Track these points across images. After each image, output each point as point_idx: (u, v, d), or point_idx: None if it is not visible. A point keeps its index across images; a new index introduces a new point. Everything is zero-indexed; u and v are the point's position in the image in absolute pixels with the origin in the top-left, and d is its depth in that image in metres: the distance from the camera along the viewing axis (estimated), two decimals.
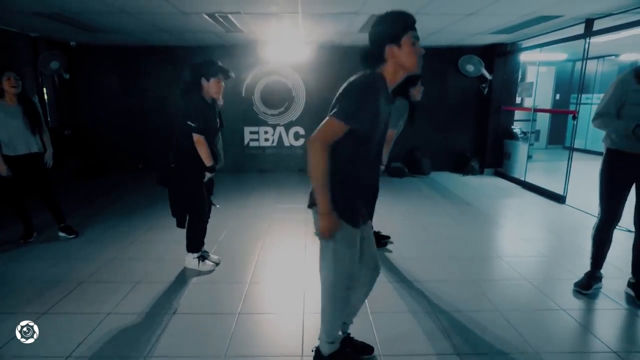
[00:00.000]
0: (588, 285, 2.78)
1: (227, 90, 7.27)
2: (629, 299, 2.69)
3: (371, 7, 4.01)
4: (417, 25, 1.62)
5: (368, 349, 2.10)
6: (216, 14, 4.37)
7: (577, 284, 2.82)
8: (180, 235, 3.17)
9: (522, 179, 6.20)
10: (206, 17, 4.48)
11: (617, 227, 2.72)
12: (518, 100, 8.04)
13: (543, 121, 9.84)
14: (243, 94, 6.92)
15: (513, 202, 5.37)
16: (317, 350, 1.98)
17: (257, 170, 7.21)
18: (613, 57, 8.83)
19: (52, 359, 2.06)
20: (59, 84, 6.54)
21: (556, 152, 9.53)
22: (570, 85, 9.75)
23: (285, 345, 2.20)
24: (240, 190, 5.87)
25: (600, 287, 2.83)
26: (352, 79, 1.61)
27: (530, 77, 9.14)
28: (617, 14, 4.24)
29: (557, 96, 9.93)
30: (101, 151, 6.94)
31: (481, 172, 7.05)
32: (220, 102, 3.00)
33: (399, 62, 1.60)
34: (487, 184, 6.40)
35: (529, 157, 8.43)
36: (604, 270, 2.84)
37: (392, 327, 2.36)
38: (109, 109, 6.95)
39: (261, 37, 5.92)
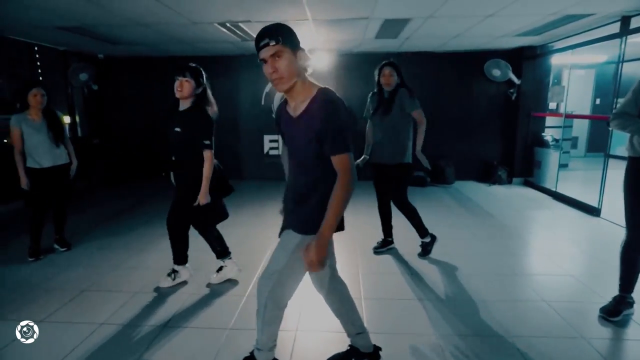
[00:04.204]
0: (616, 312, 2.47)
1: (247, 99, 7.22)
2: None
3: (381, 12, 3.87)
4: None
5: None
6: (227, 23, 4.38)
7: (603, 310, 2.51)
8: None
9: (553, 189, 5.78)
10: (218, 26, 4.50)
11: None
12: (553, 106, 7.58)
13: (581, 127, 9.24)
14: (262, 103, 6.91)
15: (541, 215, 5.01)
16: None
17: (278, 178, 7.16)
18: None
19: None
20: (88, 95, 6.81)
21: (596, 161, 8.85)
22: (612, 89, 9.09)
23: None
24: (259, 198, 5.89)
25: (631, 314, 2.51)
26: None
27: (566, 80, 8.62)
28: None
29: (597, 101, 9.29)
30: (127, 159, 7.14)
31: (509, 182, 6.66)
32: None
33: None
34: (515, 194, 6.02)
35: (565, 165, 7.94)
36: (636, 295, 2.53)
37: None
38: (135, 118, 7.16)
39: None
